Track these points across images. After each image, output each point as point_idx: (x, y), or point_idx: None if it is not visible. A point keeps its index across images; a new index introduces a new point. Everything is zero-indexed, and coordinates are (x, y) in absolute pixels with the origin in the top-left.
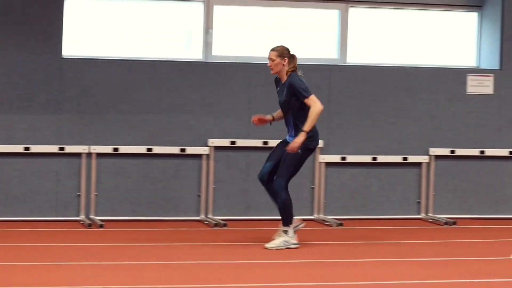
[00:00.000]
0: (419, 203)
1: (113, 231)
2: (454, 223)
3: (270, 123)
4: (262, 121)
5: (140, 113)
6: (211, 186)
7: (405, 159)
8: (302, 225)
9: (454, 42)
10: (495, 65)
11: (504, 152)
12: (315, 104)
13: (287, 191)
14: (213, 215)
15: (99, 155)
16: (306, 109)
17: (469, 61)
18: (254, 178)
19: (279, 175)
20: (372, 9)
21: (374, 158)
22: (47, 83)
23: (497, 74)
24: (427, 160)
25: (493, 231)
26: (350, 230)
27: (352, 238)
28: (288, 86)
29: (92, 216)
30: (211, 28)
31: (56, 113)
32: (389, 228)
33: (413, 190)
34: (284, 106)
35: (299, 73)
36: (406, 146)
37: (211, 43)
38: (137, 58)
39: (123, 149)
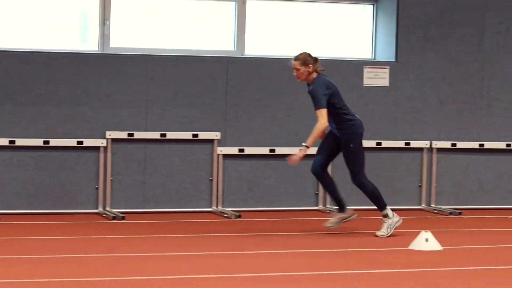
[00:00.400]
0: (317, 194)
1: (9, 225)
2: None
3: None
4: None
5: (37, 105)
6: (109, 178)
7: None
8: (354, 216)
9: (351, 34)
10: (391, 57)
11: (400, 144)
12: (320, 120)
13: (368, 181)
14: (111, 207)
15: None
16: (336, 99)
17: (365, 53)
18: (151, 171)
19: (353, 175)
20: (270, 1)
21: (272, 150)
22: None
23: (393, 66)
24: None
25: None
26: (248, 222)
27: (250, 230)
28: (308, 93)
29: None
30: (108, 20)
31: None
32: (287, 219)
33: (311, 182)
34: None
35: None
36: (303, 138)
37: (108, 35)
38: (33, 49)
39: (20, 141)
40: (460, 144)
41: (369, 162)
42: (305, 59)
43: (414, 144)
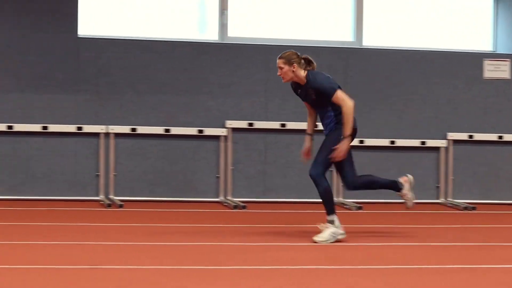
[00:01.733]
0: (438, 187)
1: (132, 211)
2: (474, 208)
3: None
4: (309, 152)
5: (158, 93)
6: (230, 167)
7: (423, 143)
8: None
9: (471, 26)
10: None
11: None
12: (345, 103)
13: (325, 179)
14: (232, 197)
15: (117, 135)
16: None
17: (486, 45)
18: (272, 160)
19: (318, 162)
20: None
21: (392, 142)
22: (64, 62)
23: None
24: (445, 145)
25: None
26: (369, 214)
27: (371, 221)
28: (313, 88)
29: (111, 196)
30: (226, 9)
31: (73, 93)
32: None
33: (431, 174)
34: (316, 104)
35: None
36: (423, 130)
37: (226, 24)
38: (154, 38)
39: (141, 129)
40: None
41: (492, 156)
42: (289, 57)
43: None
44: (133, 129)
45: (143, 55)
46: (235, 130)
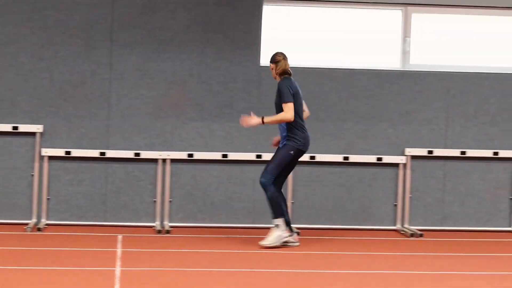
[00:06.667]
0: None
1: (309, 239)
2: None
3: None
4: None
5: (338, 121)
6: (408, 195)
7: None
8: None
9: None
10: None
11: None
12: (288, 112)
13: (274, 186)
14: (409, 224)
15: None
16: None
17: None
18: (451, 188)
19: (268, 171)
20: (434, 13)
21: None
22: (246, 91)
23: None
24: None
25: None
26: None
27: None
28: (278, 88)
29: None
30: (409, 37)
31: None
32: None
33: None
34: (278, 110)
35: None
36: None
37: (409, 52)
38: (335, 67)
39: (320, 157)
40: None
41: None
42: (273, 57)
43: None
44: (312, 157)
45: (324, 82)
46: (414, 157)
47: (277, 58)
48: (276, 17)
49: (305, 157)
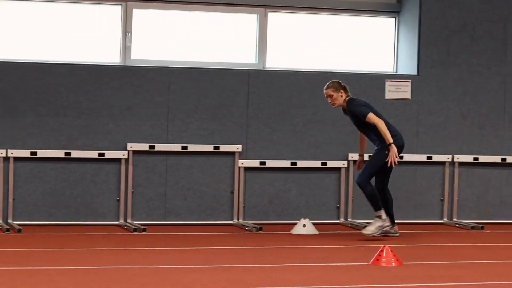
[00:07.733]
0: (338, 208)
1: (31, 236)
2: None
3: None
4: (360, 164)
5: (58, 116)
6: (130, 190)
7: (324, 164)
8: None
9: (373, 47)
10: (413, 71)
11: (422, 158)
12: (376, 121)
13: (371, 184)
14: (132, 220)
15: (17, 159)
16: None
17: (387, 66)
18: (173, 183)
19: (364, 171)
20: (291, 13)
21: (293, 163)
22: None
23: (415, 80)
24: (346, 165)
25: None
26: (269, 235)
27: (271, 243)
28: (351, 112)
29: (10, 221)
30: (130, 32)
31: None
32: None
33: (332, 195)
34: (361, 128)
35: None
36: (324, 151)
37: (130, 47)
38: (54, 61)
39: (41, 153)
40: (482, 158)
41: (391, 176)
42: (336, 86)
43: (436, 158)
44: (33, 153)
45: (44, 78)
46: (136, 152)
47: (339, 85)
48: None
49: (25, 153)
